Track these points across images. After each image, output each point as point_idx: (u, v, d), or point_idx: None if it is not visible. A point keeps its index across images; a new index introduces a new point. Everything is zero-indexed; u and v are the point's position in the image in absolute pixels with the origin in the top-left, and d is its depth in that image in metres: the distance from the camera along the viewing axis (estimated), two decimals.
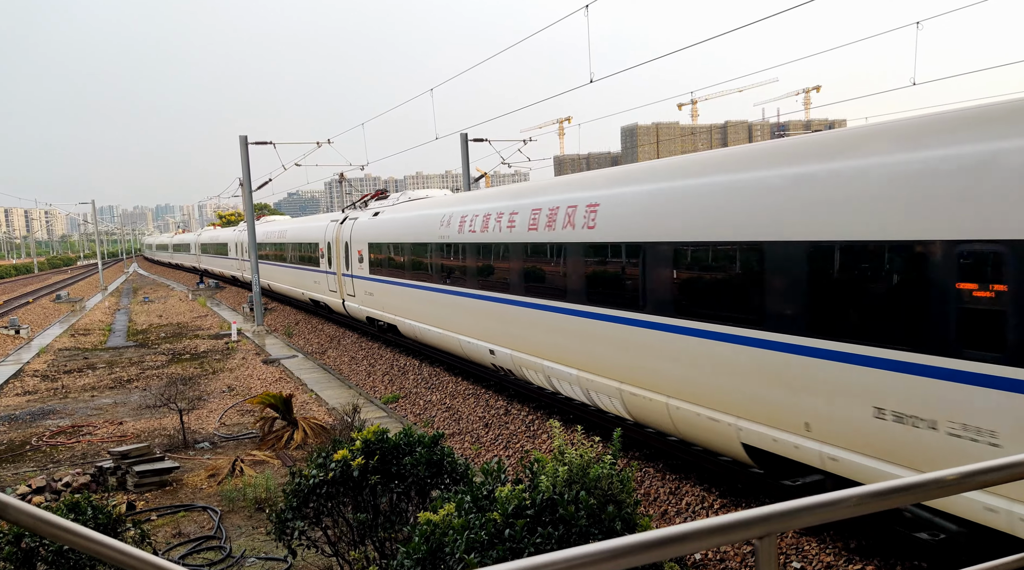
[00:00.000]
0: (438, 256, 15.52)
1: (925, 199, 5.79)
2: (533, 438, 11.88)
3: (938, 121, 6.11)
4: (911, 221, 5.87)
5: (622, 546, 1.82)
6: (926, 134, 6.07)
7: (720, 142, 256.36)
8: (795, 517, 2.04)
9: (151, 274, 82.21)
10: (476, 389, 15.01)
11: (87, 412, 16.92)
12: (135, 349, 26.43)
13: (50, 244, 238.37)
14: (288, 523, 6.79)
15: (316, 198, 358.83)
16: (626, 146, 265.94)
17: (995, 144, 5.45)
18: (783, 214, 7.03)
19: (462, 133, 27.88)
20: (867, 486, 2.20)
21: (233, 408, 16.38)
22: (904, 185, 5.97)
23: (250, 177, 28.51)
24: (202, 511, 10.22)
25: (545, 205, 11.43)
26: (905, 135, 6.24)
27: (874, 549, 7.04)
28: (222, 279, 54.27)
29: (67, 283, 67.15)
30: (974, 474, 2.30)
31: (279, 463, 12.09)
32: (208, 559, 8.73)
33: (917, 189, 5.85)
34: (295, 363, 21.27)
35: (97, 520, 6.93)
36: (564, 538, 4.90)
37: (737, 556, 7.35)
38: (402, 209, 19.26)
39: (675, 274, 8.53)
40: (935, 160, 5.76)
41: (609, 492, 5.33)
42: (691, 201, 8.31)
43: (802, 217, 6.84)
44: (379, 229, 20.02)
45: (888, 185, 6.10)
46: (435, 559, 5.06)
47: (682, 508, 8.74)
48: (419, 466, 6.68)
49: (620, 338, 9.60)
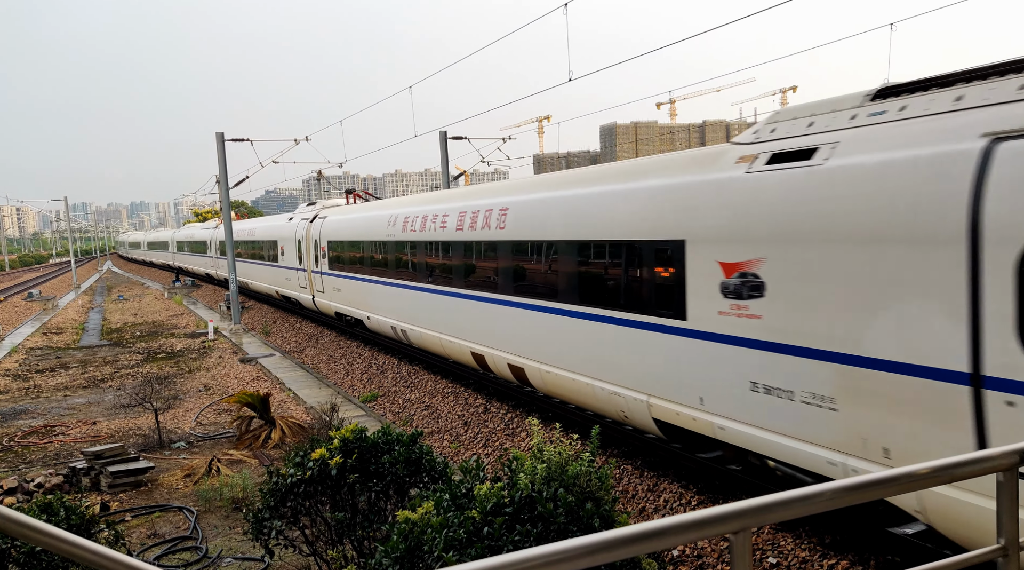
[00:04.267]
0: (390, 253, 17.27)
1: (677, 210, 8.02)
2: (512, 436, 11.90)
3: (662, 162, 8.74)
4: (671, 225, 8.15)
5: (599, 542, 1.84)
6: (647, 170, 8.81)
7: (698, 141, 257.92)
8: (769, 512, 2.07)
9: (126, 272, 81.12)
10: (455, 387, 14.99)
11: (60, 412, 16.68)
12: (109, 348, 26.08)
13: (22, 241, 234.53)
14: (265, 523, 6.75)
15: (294, 196, 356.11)
16: (605, 145, 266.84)
17: (675, 179, 8.11)
18: (612, 218, 9.38)
19: (441, 131, 27.80)
20: (840, 481, 2.23)
21: (210, 407, 16.23)
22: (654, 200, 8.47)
23: (227, 174, 28.23)
24: (178, 511, 10.11)
25: (468, 209, 13.48)
26: (635, 170, 9.14)
27: (849, 544, 7.13)
28: (198, 277, 53.82)
29: (39, 281, 66.08)
30: (945, 468, 2.34)
31: (256, 462, 12.00)
32: (184, 560, 8.64)
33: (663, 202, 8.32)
34: (273, 362, 21.11)
35: (70, 521, 6.83)
36: (543, 535, 4.91)
37: (714, 552, 7.42)
38: (360, 209, 20.72)
39: (579, 268, 9.99)
40: (653, 188, 8.49)
41: (587, 489, 5.36)
42: (562, 207, 10.50)
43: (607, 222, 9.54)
44: (343, 227, 20.93)
45: (649, 200, 8.51)
46: (413, 557, 5.05)
47: (660, 505, 8.80)
48: (398, 465, 6.67)
49: (522, 319, 11.90)
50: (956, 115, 5.51)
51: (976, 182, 5.07)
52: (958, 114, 5.51)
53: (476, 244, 12.77)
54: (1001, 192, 4.93)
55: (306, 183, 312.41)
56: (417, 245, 15.38)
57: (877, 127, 6.09)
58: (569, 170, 11.38)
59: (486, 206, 12.62)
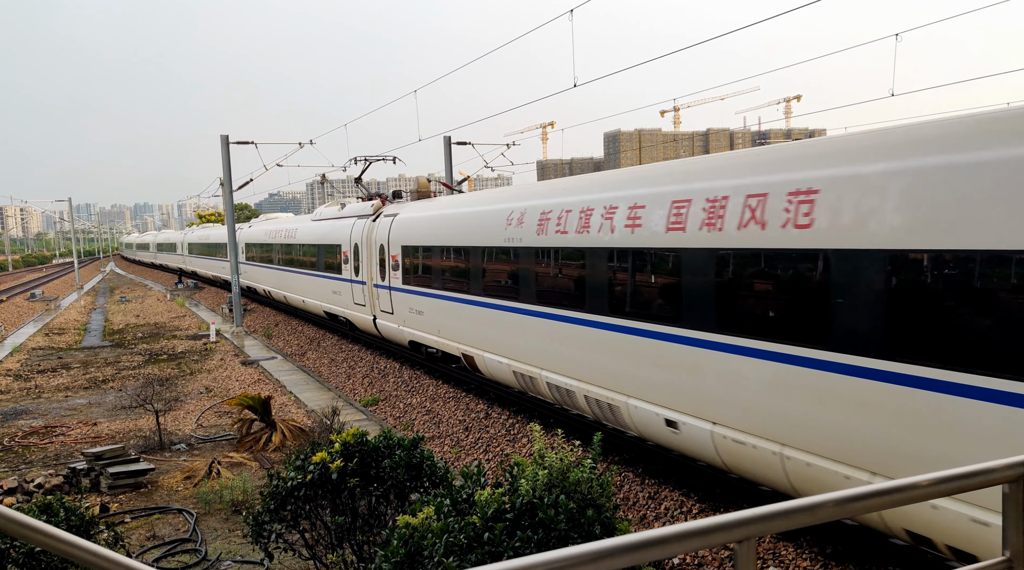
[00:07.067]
0: (528, 263, 11.50)
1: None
2: (513, 442, 11.87)
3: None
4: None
5: (601, 549, 1.82)
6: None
7: (702, 149, 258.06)
8: (774, 521, 2.06)
9: (128, 273, 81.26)
10: (457, 392, 14.97)
11: (61, 412, 16.68)
12: (111, 349, 26.10)
13: (25, 242, 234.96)
14: (265, 526, 6.73)
15: (297, 199, 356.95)
16: (609, 152, 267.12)
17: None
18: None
19: (445, 136, 27.85)
20: (843, 491, 2.22)
21: (211, 409, 16.22)
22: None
23: (231, 177, 28.30)
24: (177, 513, 10.10)
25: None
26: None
27: (850, 554, 7.10)
28: (214, 284, 49.57)
29: (42, 281, 66.18)
30: (950, 479, 2.32)
31: (257, 465, 11.98)
32: (183, 562, 8.62)
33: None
34: (274, 365, 21.11)
35: (70, 522, 6.82)
36: (543, 542, 4.89)
37: (715, 561, 7.38)
38: (449, 203, 15.63)
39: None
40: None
41: (589, 496, 5.33)
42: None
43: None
44: (426, 227, 15.64)
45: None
46: (413, 562, 5.03)
47: (661, 513, 8.77)
48: (398, 469, 6.65)
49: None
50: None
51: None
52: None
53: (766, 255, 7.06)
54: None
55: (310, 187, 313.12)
56: (576, 253, 10.06)
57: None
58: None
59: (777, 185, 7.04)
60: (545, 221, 10.86)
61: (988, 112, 5.72)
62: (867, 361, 6.04)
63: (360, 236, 19.66)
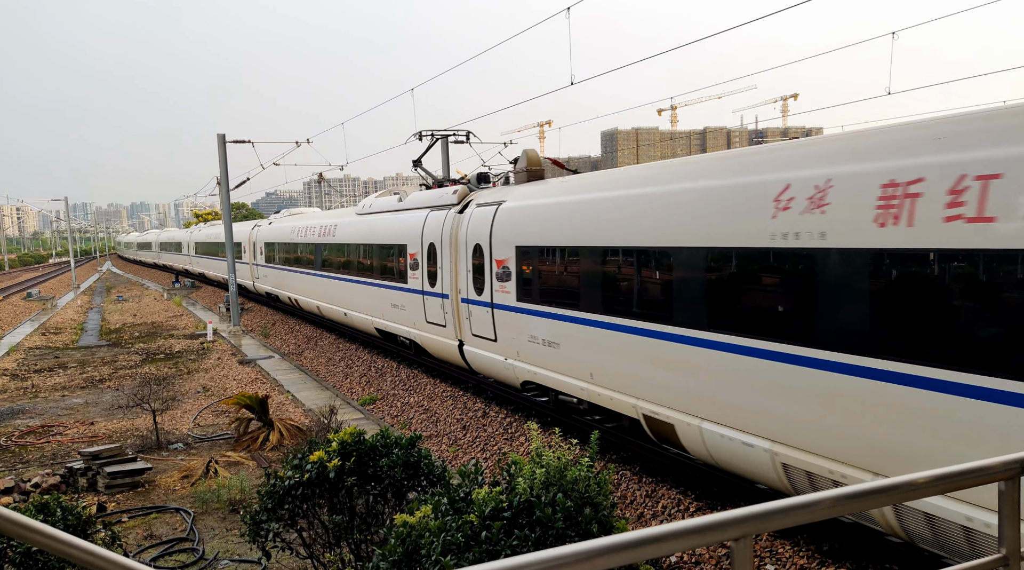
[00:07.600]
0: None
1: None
2: (511, 440, 11.88)
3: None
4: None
5: (598, 547, 1.83)
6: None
7: (699, 148, 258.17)
8: (770, 519, 2.06)
9: (125, 273, 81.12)
10: (454, 391, 14.97)
11: (57, 412, 16.65)
12: (108, 348, 26.06)
13: (21, 241, 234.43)
14: (262, 525, 6.73)
15: (294, 198, 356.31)
16: (606, 150, 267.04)
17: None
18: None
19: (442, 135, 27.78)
20: (841, 489, 2.22)
21: (208, 409, 16.20)
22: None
23: (228, 176, 28.25)
24: (175, 513, 10.09)
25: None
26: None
27: (847, 552, 7.12)
28: (224, 287, 44.64)
29: (38, 281, 66.06)
30: (947, 477, 2.33)
31: (254, 464, 11.97)
32: (180, 561, 8.62)
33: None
34: (271, 364, 21.09)
35: (67, 521, 6.82)
36: (541, 540, 4.89)
37: (712, 559, 7.39)
38: (583, 183, 10.90)
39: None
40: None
41: (586, 495, 5.34)
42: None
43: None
44: (549, 219, 11.12)
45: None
46: (411, 561, 5.03)
47: (658, 511, 8.78)
48: (396, 468, 6.65)
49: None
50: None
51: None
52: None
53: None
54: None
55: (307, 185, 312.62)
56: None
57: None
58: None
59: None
60: (912, 199, 5.62)
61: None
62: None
63: (438, 233, 14.92)
